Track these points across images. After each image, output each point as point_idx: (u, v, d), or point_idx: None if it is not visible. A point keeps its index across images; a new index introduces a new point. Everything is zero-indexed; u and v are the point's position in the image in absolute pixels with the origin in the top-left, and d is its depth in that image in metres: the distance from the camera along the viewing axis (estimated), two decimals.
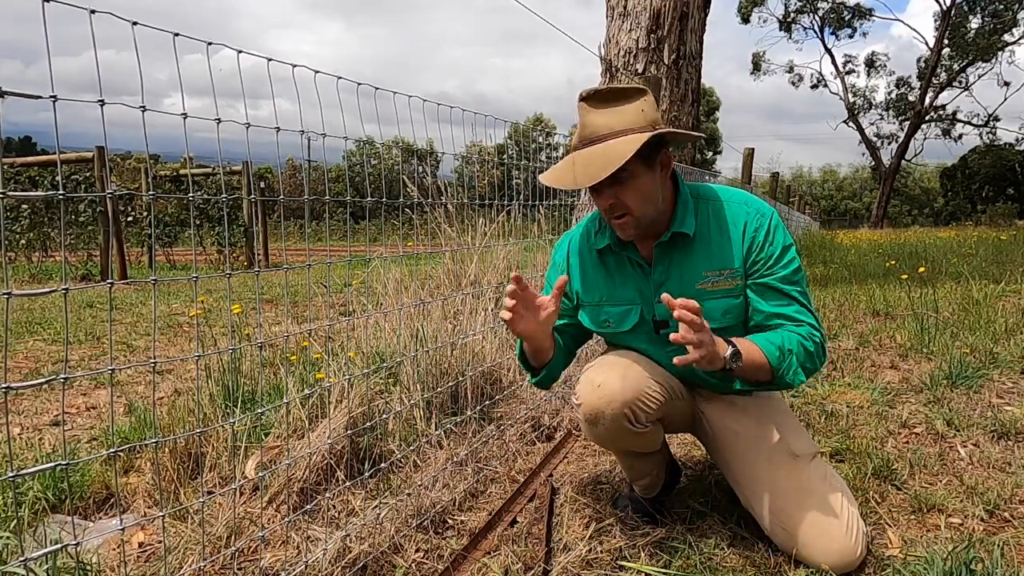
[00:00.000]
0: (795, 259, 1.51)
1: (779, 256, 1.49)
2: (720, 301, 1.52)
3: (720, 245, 1.51)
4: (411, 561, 1.56)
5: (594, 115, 1.44)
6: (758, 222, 1.50)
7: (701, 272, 1.52)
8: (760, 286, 1.49)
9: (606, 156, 1.39)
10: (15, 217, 10.28)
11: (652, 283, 1.56)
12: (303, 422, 2.02)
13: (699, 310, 1.29)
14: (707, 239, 1.52)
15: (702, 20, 4.69)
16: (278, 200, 1.51)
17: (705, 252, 1.51)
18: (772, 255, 1.49)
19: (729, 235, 1.51)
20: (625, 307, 1.61)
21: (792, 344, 1.44)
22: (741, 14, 31.49)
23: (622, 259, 1.60)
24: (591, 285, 1.65)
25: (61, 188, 1.19)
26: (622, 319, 1.61)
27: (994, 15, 27.48)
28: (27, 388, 1.16)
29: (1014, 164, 29.59)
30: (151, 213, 3.21)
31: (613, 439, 1.56)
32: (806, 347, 1.45)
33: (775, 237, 1.50)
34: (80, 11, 1.03)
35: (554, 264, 1.75)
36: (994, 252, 8.26)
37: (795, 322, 1.47)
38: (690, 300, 1.29)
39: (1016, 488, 1.85)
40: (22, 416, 2.73)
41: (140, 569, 1.53)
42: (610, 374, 1.51)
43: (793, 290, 1.48)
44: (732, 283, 1.51)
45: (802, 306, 1.48)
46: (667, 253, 1.54)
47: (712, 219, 1.53)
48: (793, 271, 1.49)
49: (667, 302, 1.29)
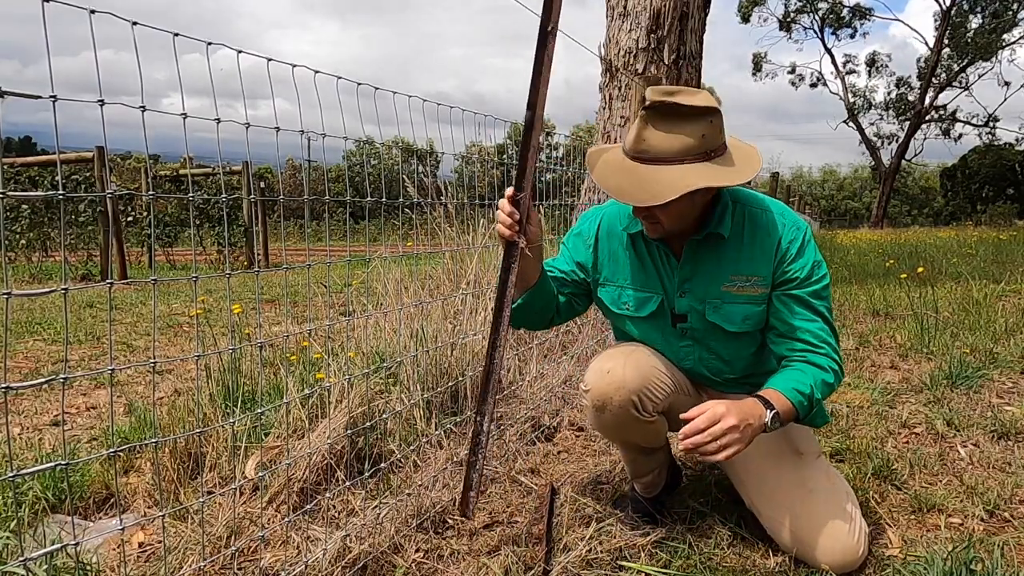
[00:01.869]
0: (825, 276, 1.52)
1: (811, 270, 1.49)
2: (742, 306, 1.52)
3: (751, 251, 1.51)
4: (411, 561, 1.56)
5: (651, 133, 1.37)
6: (792, 235, 1.50)
7: (728, 275, 1.52)
8: (789, 298, 1.50)
9: (653, 187, 1.36)
10: (15, 217, 10.27)
11: (678, 277, 1.56)
12: (303, 422, 2.01)
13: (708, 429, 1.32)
14: (739, 244, 1.52)
15: (702, 20, 4.68)
16: (278, 200, 1.51)
17: (735, 256, 1.51)
18: (804, 268, 1.49)
19: (762, 243, 1.51)
20: (647, 294, 1.60)
21: (817, 386, 1.45)
22: (741, 14, 31.49)
23: (653, 247, 1.59)
24: (618, 267, 1.64)
25: (61, 188, 1.19)
26: (641, 305, 1.61)
27: (994, 15, 27.48)
28: (27, 388, 1.16)
29: (1014, 164, 29.60)
30: (151, 213, 3.21)
31: (619, 428, 1.56)
32: (827, 382, 1.47)
33: (807, 251, 1.50)
34: (77, 11, 1.03)
35: (579, 232, 1.71)
36: (994, 252, 8.26)
37: (816, 347, 1.48)
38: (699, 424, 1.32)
39: (1016, 488, 1.85)
40: (22, 416, 2.72)
41: (140, 569, 1.53)
42: (619, 362, 1.52)
43: (821, 305, 1.50)
44: (758, 291, 1.51)
45: (826, 323, 1.50)
46: (698, 251, 1.54)
47: (748, 224, 1.52)
48: (823, 287, 1.50)
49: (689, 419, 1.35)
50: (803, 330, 1.49)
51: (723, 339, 1.57)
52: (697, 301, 1.55)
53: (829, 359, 1.48)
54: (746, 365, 1.61)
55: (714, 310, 1.54)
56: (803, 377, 1.45)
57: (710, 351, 1.60)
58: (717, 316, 1.54)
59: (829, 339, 1.49)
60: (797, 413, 1.44)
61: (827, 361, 1.48)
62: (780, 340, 1.52)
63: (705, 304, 1.54)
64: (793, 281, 1.49)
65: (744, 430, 1.33)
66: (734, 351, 1.59)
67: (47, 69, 1.02)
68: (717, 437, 1.31)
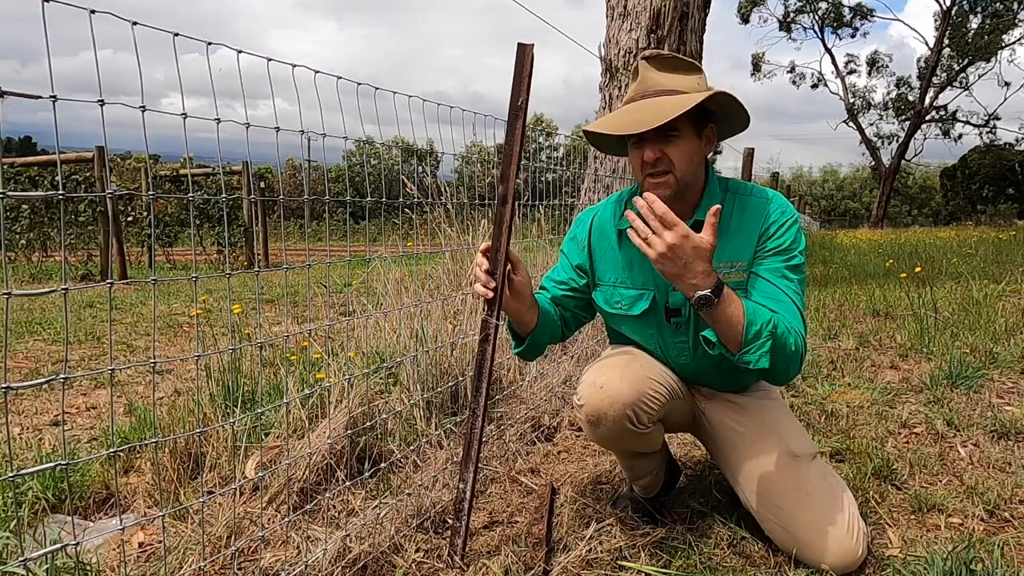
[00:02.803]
0: (800, 256, 1.50)
1: (788, 248, 1.49)
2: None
3: (738, 237, 1.51)
4: (411, 561, 1.56)
5: (655, 73, 1.46)
6: (777, 216, 1.50)
7: (716, 263, 1.51)
8: (763, 270, 1.48)
9: (661, 107, 1.39)
10: (15, 217, 10.27)
11: None
12: (303, 422, 2.01)
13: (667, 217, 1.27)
14: (727, 231, 1.51)
15: (702, 20, 4.68)
16: (278, 200, 1.51)
17: (723, 243, 1.50)
18: (781, 246, 1.49)
19: (747, 229, 1.51)
20: (638, 291, 1.60)
21: (776, 327, 1.36)
22: (741, 14, 31.45)
23: None
24: (608, 266, 1.65)
25: (61, 188, 1.19)
26: (633, 303, 1.61)
27: (994, 15, 27.46)
28: (27, 388, 1.16)
29: (1014, 164, 29.56)
30: (151, 213, 3.24)
31: (615, 440, 1.56)
32: (787, 340, 1.38)
33: (789, 229, 1.49)
34: (76, 11, 1.03)
35: (573, 237, 1.74)
36: (994, 252, 8.26)
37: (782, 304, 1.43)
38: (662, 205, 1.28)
39: (1016, 488, 1.85)
40: (22, 416, 2.72)
41: (140, 569, 1.53)
42: (612, 375, 1.51)
43: (788, 286, 1.45)
44: (742, 275, 1.51)
45: (794, 304, 1.44)
46: None
47: (736, 211, 1.53)
48: (796, 266, 1.49)
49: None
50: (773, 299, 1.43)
51: None
52: None
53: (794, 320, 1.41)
54: None
55: None
56: (768, 313, 1.38)
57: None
58: None
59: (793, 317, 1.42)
60: (740, 326, 1.33)
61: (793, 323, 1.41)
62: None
63: None
64: (766, 254, 1.48)
65: (677, 259, 1.28)
66: None
67: (46, 69, 1.02)
68: (653, 239, 1.29)
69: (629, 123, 1.42)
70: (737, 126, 1.54)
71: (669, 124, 1.37)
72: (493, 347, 1.53)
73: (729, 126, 1.54)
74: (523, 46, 1.45)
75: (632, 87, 1.50)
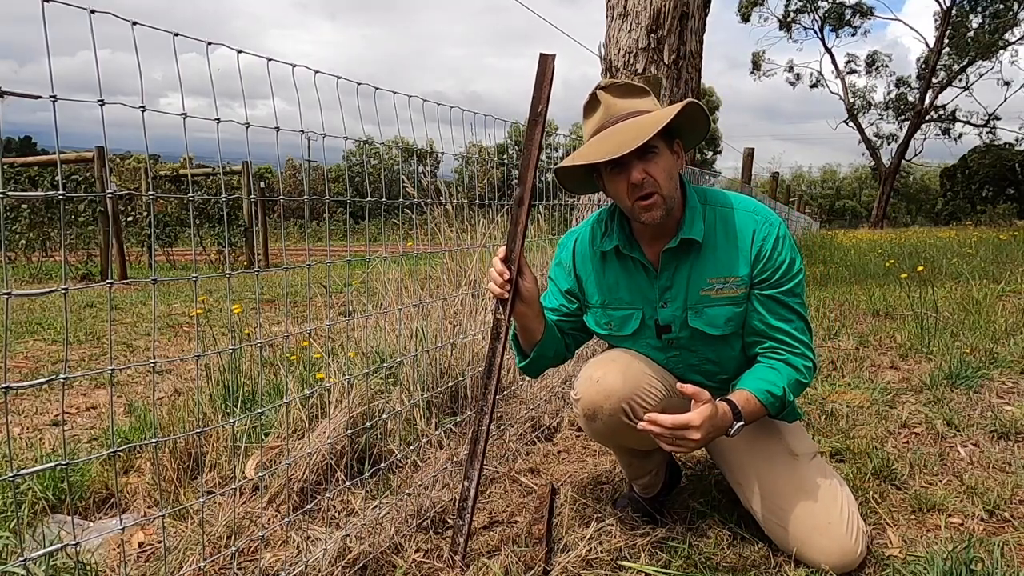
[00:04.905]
0: (800, 272, 1.52)
1: (787, 269, 1.50)
2: (724, 309, 1.52)
3: (727, 252, 1.51)
4: (411, 561, 1.56)
5: (616, 100, 1.48)
6: (766, 231, 1.50)
7: (706, 279, 1.51)
8: (767, 298, 1.50)
9: (640, 126, 1.40)
10: (15, 217, 10.27)
11: (657, 288, 1.55)
12: (303, 422, 2.01)
13: (683, 424, 1.34)
14: (714, 246, 1.51)
15: (702, 20, 4.68)
16: (278, 200, 1.51)
17: (712, 259, 1.51)
18: (780, 267, 1.49)
19: (737, 243, 1.51)
20: (627, 311, 1.60)
21: (790, 387, 1.49)
22: (741, 13, 31.47)
23: (627, 262, 1.59)
24: (594, 288, 1.64)
25: (61, 188, 1.19)
26: (624, 323, 1.61)
27: (995, 15, 27.46)
28: (27, 388, 1.16)
29: (1014, 164, 29.55)
30: (151, 213, 3.23)
31: (611, 435, 1.57)
32: (801, 382, 1.51)
33: (783, 248, 1.50)
34: (75, 11, 1.03)
35: (559, 263, 1.74)
36: (994, 252, 8.25)
37: (792, 347, 1.50)
38: (680, 418, 1.35)
39: (1016, 488, 1.85)
40: (22, 416, 2.72)
41: (140, 569, 1.53)
42: (609, 370, 1.52)
43: (796, 303, 1.51)
44: (736, 291, 1.51)
45: (801, 320, 1.52)
46: (674, 258, 1.53)
47: (719, 225, 1.52)
48: (797, 284, 1.51)
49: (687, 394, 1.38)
50: (779, 330, 1.51)
51: (710, 343, 1.57)
52: (679, 309, 1.54)
53: (803, 358, 1.51)
54: (738, 364, 1.61)
55: (696, 315, 1.53)
56: (777, 378, 1.48)
57: (699, 356, 1.60)
58: (700, 321, 1.53)
59: (803, 336, 1.52)
60: (767, 413, 1.48)
61: (801, 361, 1.51)
62: (756, 339, 1.53)
63: (687, 311, 1.54)
64: (769, 281, 1.50)
65: (702, 439, 1.37)
66: (723, 352, 1.59)
67: (43, 69, 1.02)
68: (675, 439, 1.36)
69: (611, 148, 1.40)
70: (699, 137, 1.55)
71: (649, 142, 1.38)
72: (503, 345, 1.53)
73: (694, 137, 1.55)
74: (545, 56, 1.48)
75: (594, 118, 1.49)
